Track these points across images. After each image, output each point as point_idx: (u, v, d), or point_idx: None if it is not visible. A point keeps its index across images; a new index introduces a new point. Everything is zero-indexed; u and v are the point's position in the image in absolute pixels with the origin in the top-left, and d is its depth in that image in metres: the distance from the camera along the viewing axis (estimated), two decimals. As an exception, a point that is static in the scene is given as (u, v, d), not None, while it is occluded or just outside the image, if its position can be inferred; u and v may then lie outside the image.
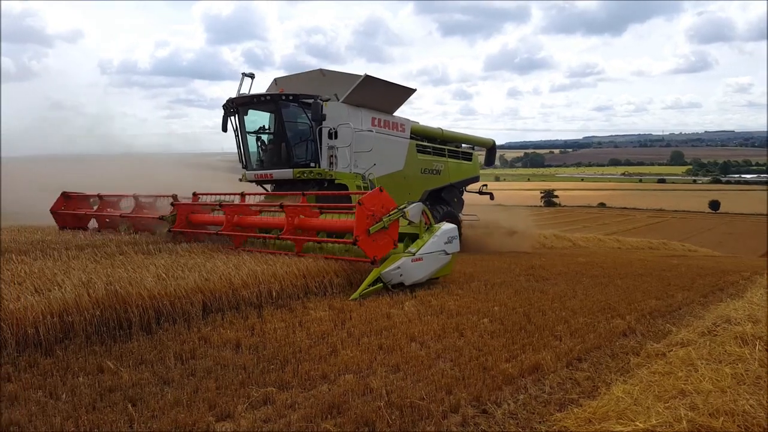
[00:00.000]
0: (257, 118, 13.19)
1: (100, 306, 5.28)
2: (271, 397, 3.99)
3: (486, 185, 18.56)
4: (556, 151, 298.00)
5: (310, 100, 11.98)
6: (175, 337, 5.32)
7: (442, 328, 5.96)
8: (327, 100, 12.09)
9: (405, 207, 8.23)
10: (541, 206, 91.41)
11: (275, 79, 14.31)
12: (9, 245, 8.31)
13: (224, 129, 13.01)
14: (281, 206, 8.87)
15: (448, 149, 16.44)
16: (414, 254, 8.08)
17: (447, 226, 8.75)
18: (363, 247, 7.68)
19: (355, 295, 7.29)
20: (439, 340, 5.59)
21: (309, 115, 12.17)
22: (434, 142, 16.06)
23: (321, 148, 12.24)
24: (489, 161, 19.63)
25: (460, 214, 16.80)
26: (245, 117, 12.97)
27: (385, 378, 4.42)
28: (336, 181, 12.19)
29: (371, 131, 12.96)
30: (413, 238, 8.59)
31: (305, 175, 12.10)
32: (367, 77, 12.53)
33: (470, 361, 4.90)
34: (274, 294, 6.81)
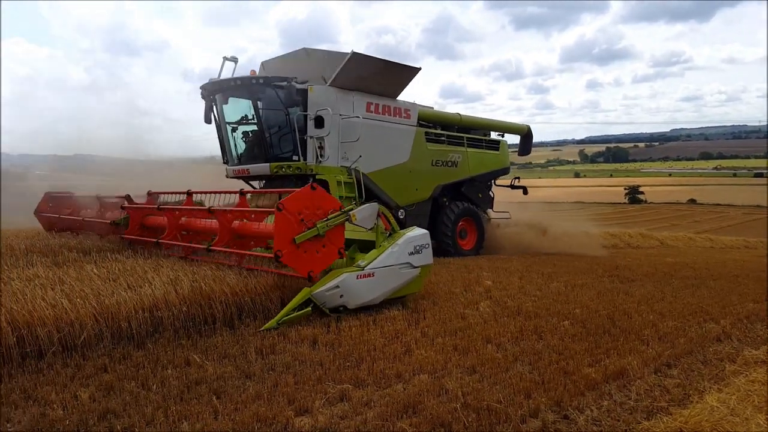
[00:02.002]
0: (242, 108, 11.65)
1: (186, 302, 5.56)
2: (348, 394, 4.04)
3: (518, 178, 16.65)
4: (641, 144, 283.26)
5: (284, 83, 10.57)
6: (255, 332, 5.51)
7: (519, 330, 5.82)
8: (305, 82, 10.77)
9: (352, 209, 6.53)
10: (625, 203, 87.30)
11: (262, 63, 12.81)
12: (104, 245, 8.91)
13: (206, 120, 11.81)
14: (208, 249, 7.10)
15: (467, 138, 14.41)
16: (362, 268, 6.36)
17: (414, 233, 6.99)
18: (290, 264, 6.00)
19: (271, 323, 5.67)
20: (517, 342, 5.46)
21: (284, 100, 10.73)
22: (451, 130, 14.17)
23: (304, 138, 10.79)
24: (524, 150, 17.48)
25: (488, 212, 15.09)
26: (224, 106, 11.60)
27: (461, 379, 4.36)
28: (317, 176, 10.69)
29: (358, 117, 11.15)
30: (368, 246, 6.92)
31: (283, 169, 10.73)
32: (354, 54, 10.75)
33: (550, 365, 4.75)
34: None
